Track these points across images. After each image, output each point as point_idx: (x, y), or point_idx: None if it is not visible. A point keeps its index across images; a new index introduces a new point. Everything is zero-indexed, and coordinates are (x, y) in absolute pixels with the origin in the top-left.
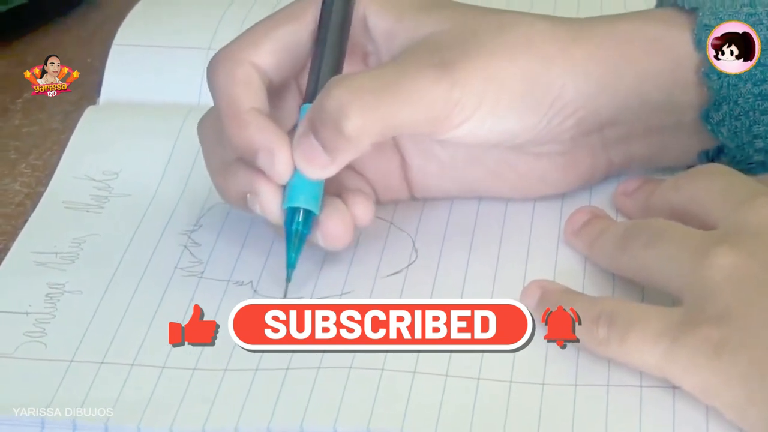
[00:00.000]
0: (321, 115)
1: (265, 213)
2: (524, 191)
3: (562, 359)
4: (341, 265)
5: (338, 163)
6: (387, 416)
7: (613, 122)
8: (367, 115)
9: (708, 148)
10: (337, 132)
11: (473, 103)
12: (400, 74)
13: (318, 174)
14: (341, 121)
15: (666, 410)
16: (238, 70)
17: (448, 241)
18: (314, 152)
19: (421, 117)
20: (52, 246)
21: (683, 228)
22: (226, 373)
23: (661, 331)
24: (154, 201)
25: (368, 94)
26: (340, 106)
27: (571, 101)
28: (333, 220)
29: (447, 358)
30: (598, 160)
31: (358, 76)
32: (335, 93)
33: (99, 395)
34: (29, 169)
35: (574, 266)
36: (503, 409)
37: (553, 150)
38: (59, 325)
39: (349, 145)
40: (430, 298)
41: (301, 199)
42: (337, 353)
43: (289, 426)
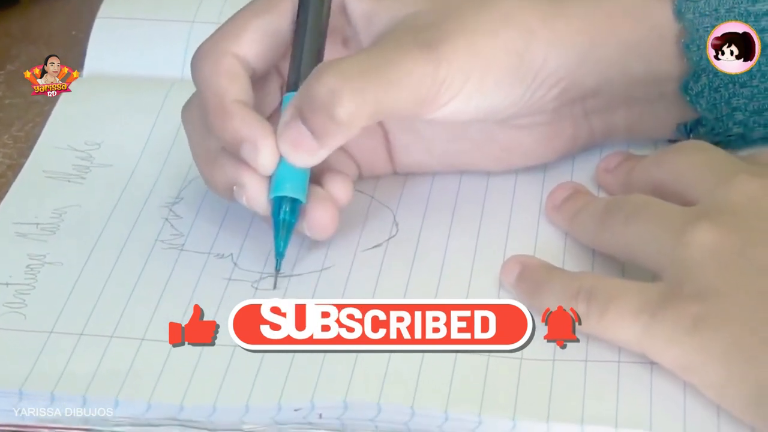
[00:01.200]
0: (311, 101)
1: (252, 205)
2: (507, 163)
3: (539, 334)
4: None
5: (327, 148)
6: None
7: (595, 92)
8: (358, 100)
9: (687, 120)
10: (329, 118)
11: (459, 80)
12: (386, 57)
13: (306, 161)
14: (333, 107)
15: (644, 386)
16: (222, 62)
17: (429, 215)
18: (302, 139)
19: (410, 98)
20: (33, 216)
21: (663, 204)
22: (204, 348)
23: (640, 306)
24: (135, 172)
25: (358, 79)
26: (331, 92)
27: (554, 72)
28: (319, 210)
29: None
30: (580, 130)
31: (346, 61)
32: (325, 79)
33: (78, 367)
34: (11, 141)
35: (554, 241)
36: (481, 383)
37: (536, 121)
38: (39, 297)
39: (340, 130)
40: (410, 273)
41: (287, 188)
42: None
43: (267, 401)
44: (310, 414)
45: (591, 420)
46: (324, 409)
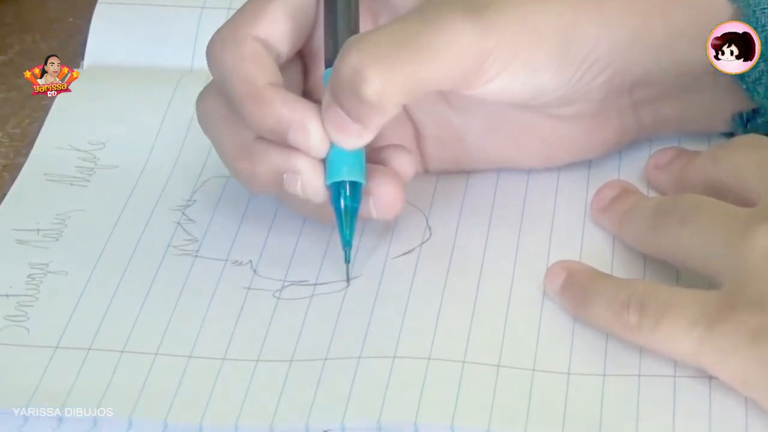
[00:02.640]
0: (339, 83)
1: (308, 192)
2: (548, 159)
3: (588, 347)
4: (352, 247)
5: (371, 129)
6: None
7: (644, 81)
8: (386, 77)
9: (743, 110)
10: (358, 99)
11: (508, 53)
12: (423, 25)
13: (353, 144)
14: (359, 86)
15: (702, 402)
16: (245, 47)
17: (465, 217)
18: (344, 122)
19: (450, 71)
20: (34, 222)
21: (720, 204)
22: (224, 363)
23: (696, 316)
24: (144, 173)
25: (385, 53)
26: (355, 71)
27: (603, 56)
28: (383, 186)
29: (464, 346)
30: (627, 123)
31: (374, 34)
32: (349, 57)
33: (87, 385)
34: (7, 139)
35: (602, 245)
36: (525, 399)
37: (580, 111)
38: (43, 309)
39: (373, 110)
40: (445, 282)
41: (344, 172)
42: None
43: (293, 421)
44: None
45: None
46: (356, 430)
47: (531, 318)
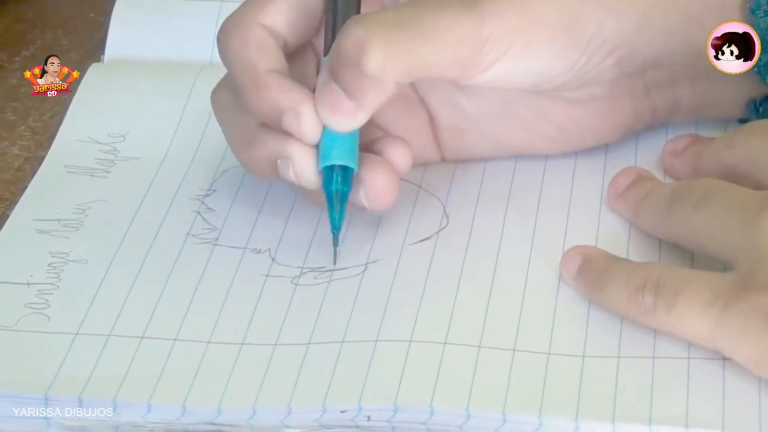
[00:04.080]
0: (340, 56)
1: (300, 177)
2: (562, 144)
3: (603, 329)
4: (366, 232)
5: (365, 108)
6: (415, 389)
7: (656, 64)
8: (389, 52)
9: (757, 96)
10: (358, 72)
11: (505, 40)
12: (425, 10)
13: (346, 124)
14: (361, 58)
15: (716, 383)
16: (249, 34)
17: (482, 204)
18: (339, 100)
19: (449, 56)
20: (55, 212)
21: (735, 188)
22: (242, 348)
23: (711, 298)
24: (164, 164)
25: (390, 30)
26: (359, 43)
27: (610, 39)
28: (375, 174)
29: (480, 330)
30: (641, 107)
31: (378, 13)
32: (353, 31)
33: (106, 370)
34: (29, 132)
35: (617, 231)
36: (540, 382)
37: (592, 94)
38: (63, 296)
39: (372, 85)
40: (462, 268)
41: (335, 156)
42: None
43: (310, 402)
44: (358, 416)
45: (659, 420)
46: (373, 412)
47: (546, 302)
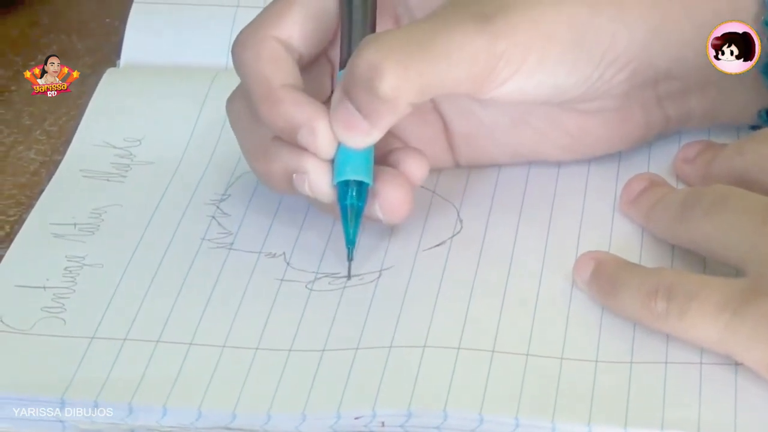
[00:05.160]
0: (353, 78)
1: (315, 192)
2: (576, 152)
3: (616, 335)
4: (380, 238)
5: (379, 128)
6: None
7: (668, 75)
8: (402, 74)
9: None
10: (372, 94)
11: (519, 55)
12: (437, 28)
13: (360, 142)
14: (374, 81)
15: (728, 389)
16: (264, 48)
17: (496, 210)
18: (353, 119)
19: (462, 73)
20: (71, 217)
21: (746, 194)
22: (257, 352)
23: (723, 303)
24: (179, 169)
25: (402, 51)
26: (372, 66)
27: (623, 52)
28: (390, 187)
29: (494, 335)
30: (653, 117)
31: (391, 33)
32: (366, 53)
33: (122, 374)
34: (44, 136)
35: (630, 236)
36: (553, 387)
37: (604, 106)
38: (79, 300)
39: (385, 107)
40: (475, 273)
41: (350, 171)
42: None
43: (325, 408)
44: (372, 422)
45: (671, 426)
46: (387, 417)
47: (560, 308)
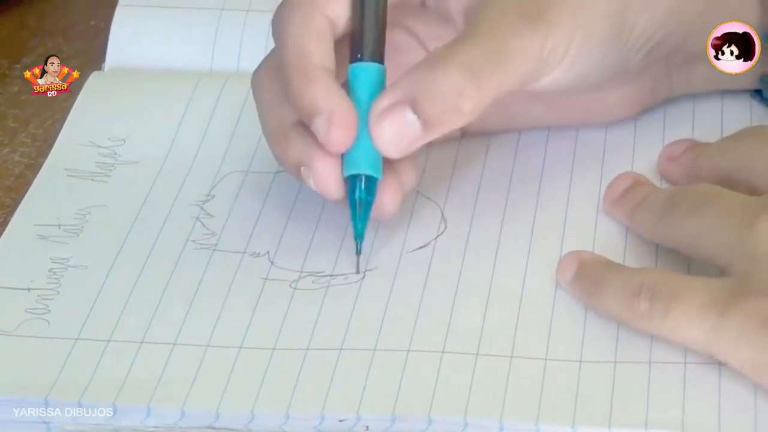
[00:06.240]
0: (433, 94)
1: (320, 188)
2: (587, 121)
3: (600, 335)
4: (364, 238)
5: (430, 137)
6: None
7: (679, 47)
8: (483, 94)
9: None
10: (454, 112)
11: (562, 48)
12: (499, 39)
13: (404, 150)
14: (461, 102)
15: (711, 389)
16: (313, 20)
17: (480, 209)
18: (410, 128)
19: (521, 76)
20: (55, 218)
21: (730, 194)
22: (241, 351)
23: (706, 303)
24: (163, 169)
25: (481, 70)
26: (460, 87)
27: (644, 32)
28: (389, 188)
29: (478, 338)
30: (660, 85)
31: (467, 52)
32: (452, 74)
33: (106, 374)
34: (29, 139)
35: (614, 236)
36: (537, 388)
37: (621, 82)
38: (63, 302)
39: (462, 122)
40: (459, 274)
41: (362, 165)
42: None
43: (309, 409)
44: (356, 425)
45: (655, 426)
46: (371, 421)
47: (543, 308)
